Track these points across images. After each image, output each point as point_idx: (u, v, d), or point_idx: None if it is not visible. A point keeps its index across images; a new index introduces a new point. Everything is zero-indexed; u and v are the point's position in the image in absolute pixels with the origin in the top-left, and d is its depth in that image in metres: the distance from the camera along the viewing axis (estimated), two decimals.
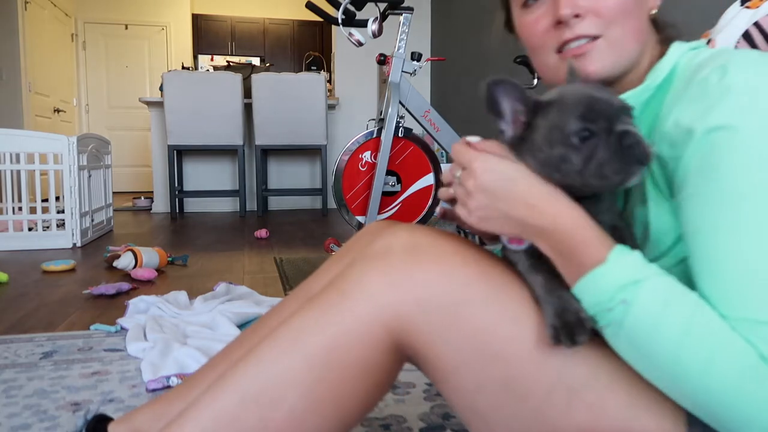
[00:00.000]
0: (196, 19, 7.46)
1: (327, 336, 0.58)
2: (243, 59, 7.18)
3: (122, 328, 1.53)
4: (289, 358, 0.58)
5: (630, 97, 0.60)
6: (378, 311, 0.58)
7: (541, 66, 0.67)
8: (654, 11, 0.65)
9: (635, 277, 0.51)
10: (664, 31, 0.66)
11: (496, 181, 0.56)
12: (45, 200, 3.14)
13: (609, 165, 0.53)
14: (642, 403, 0.54)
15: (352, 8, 2.56)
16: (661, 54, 0.64)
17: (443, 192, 0.65)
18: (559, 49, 0.64)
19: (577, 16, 0.61)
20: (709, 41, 0.92)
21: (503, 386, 0.56)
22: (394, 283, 0.58)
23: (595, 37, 0.61)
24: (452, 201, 0.63)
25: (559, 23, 0.62)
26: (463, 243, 0.63)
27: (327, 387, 0.58)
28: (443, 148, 2.91)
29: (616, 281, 0.51)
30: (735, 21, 0.89)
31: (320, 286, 0.77)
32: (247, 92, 4.47)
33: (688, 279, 0.53)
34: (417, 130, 3.09)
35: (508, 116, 0.58)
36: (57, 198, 2.97)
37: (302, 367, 0.58)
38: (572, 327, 0.53)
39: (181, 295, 1.79)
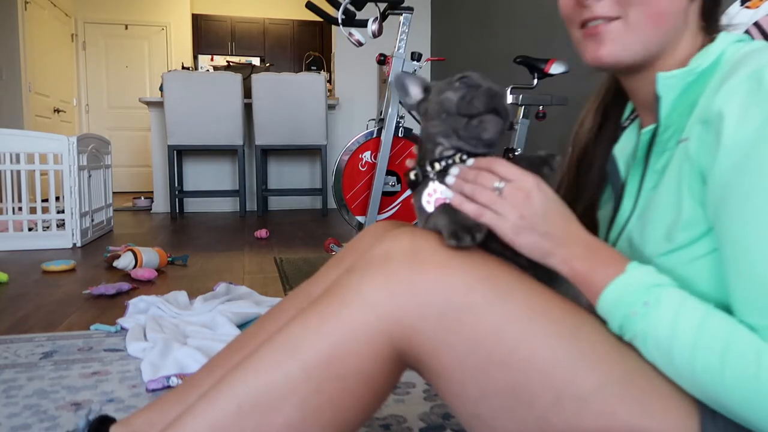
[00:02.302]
0: (196, 19, 7.46)
1: (325, 345, 0.57)
2: (243, 59, 7.18)
3: (122, 328, 1.53)
4: (287, 367, 0.57)
5: (673, 76, 0.59)
6: (378, 320, 0.57)
7: (572, 38, 0.67)
8: None
9: (653, 281, 0.54)
10: (711, 17, 0.63)
11: (547, 202, 0.60)
12: (45, 200, 3.14)
13: (478, 99, 0.65)
14: (653, 408, 0.53)
15: (352, 8, 2.56)
16: (704, 42, 0.62)
17: (462, 203, 0.62)
18: (582, 25, 0.63)
19: None
20: None
21: (509, 393, 0.55)
22: (395, 291, 0.57)
23: (612, 19, 0.60)
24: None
25: (579, 2, 0.61)
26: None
27: (325, 397, 0.57)
28: None
29: (636, 287, 0.54)
30: (735, 21, 0.89)
31: (320, 289, 0.77)
32: (247, 92, 4.47)
33: (714, 270, 0.53)
34: (417, 130, 3.09)
35: (411, 93, 0.73)
36: (57, 198, 2.97)
37: (300, 377, 0.57)
38: (470, 228, 0.60)
39: (181, 295, 1.79)
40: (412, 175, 0.70)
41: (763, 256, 0.48)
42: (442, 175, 0.67)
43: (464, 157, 0.67)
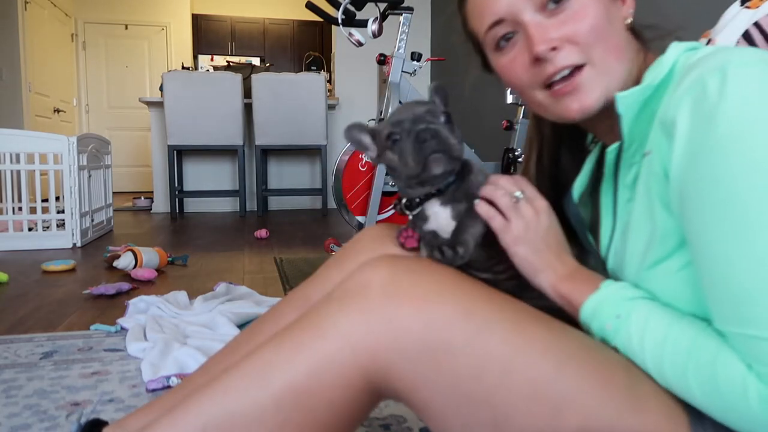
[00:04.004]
0: (196, 19, 7.46)
1: (298, 376, 0.56)
2: (243, 59, 7.18)
3: (122, 328, 1.53)
4: (257, 394, 0.56)
5: (630, 95, 0.58)
6: (354, 354, 0.55)
7: (531, 103, 0.66)
8: (629, 20, 0.62)
9: (626, 295, 0.58)
10: (642, 36, 0.65)
11: (550, 226, 0.65)
12: (45, 200, 3.14)
13: (411, 157, 0.67)
14: (647, 426, 0.53)
15: (352, 8, 2.56)
16: (646, 59, 0.63)
17: (480, 204, 0.67)
18: (546, 85, 0.61)
19: (554, 49, 0.59)
20: (709, 41, 0.92)
21: (493, 428, 0.55)
22: (372, 326, 0.56)
23: (578, 67, 0.59)
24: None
25: (538, 60, 0.60)
26: (447, 275, 0.61)
27: (293, 428, 0.55)
28: None
29: (609, 302, 0.58)
30: (735, 21, 0.89)
31: (319, 291, 0.77)
32: (247, 92, 4.47)
33: (693, 283, 0.54)
34: None
35: (369, 146, 0.75)
36: (57, 198, 2.97)
37: (269, 406, 0.55)
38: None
39: (181, 295, 1.79)
40: (398, 208, 0.76)
41: (726, 266, 0.48)
42: (418, 216, 0.73)
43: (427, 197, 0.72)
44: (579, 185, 0.72)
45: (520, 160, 2.55)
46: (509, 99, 2.57)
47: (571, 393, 0.54)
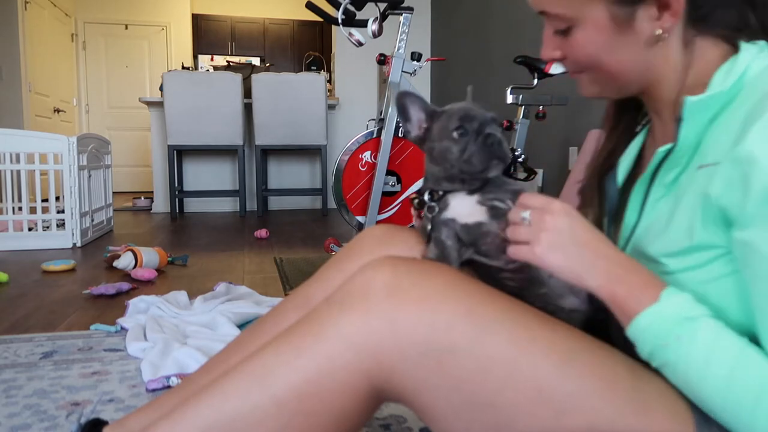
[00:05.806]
0: (196, 19, 7.46)
1: (299, 380, 0.55)
2: (243, 59, 7.18)
3: (122, 328, 1.53)
4: (257, 397, 0.55)
5: (701, 101, 0.56)
6: (356, 357, 0.55)
7: None
8: (659, 31, 0.58)
9: (688, 314, 0.52)
10: (703, 23, 0.60)
11: (572, 221, 0.59)
12: (45, 200, 3.14)
13: (476, 156, 0.68)
14: (652, 427, 0.53)
15: (352, 8, 2.56)
16: (720, 50, 0.60)
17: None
18: None
19: (558, 59, 0.66)
20: None
21: (495, 430, 0.54)
22: (374, 328, 0.55)
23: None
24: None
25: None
26: (450, 276, 0.60)
27: (295, 431, 0.55)
28: None
29: (669, 319, 0.52)
30: None
31: (320, 291, 0.77)
32: (247, 92, 4.47)
33: (728, 294, 0.53)
34: None
35: (413, 120, 0.74)
36: (57, 198, 2.97)
37: (270, 410, 0.55)
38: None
39: (181, 295, 1.79)
40: (415, 202, 0.75)
41: None
42: (440, 203, 0.72)
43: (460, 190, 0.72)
44: (623, 168, 0.70)
45: (520, 160, 2.55)
46: (509, 99, 2.57)
47: (575, 394, 0.53)
